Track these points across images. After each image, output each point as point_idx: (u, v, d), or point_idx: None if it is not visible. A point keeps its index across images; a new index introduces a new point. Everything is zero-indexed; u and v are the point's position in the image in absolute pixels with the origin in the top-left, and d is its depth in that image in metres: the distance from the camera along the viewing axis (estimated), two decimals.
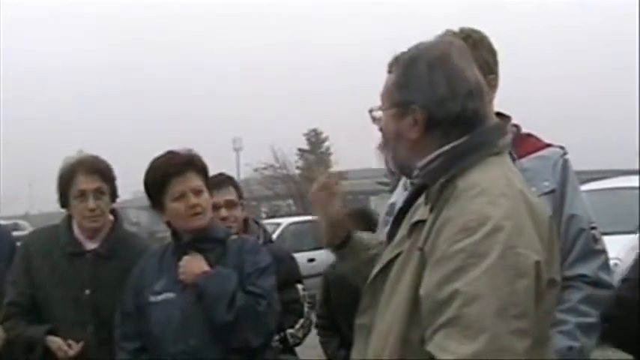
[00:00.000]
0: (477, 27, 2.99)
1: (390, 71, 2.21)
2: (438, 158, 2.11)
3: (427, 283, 1.95)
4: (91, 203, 3.75)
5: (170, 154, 3.52)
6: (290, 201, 44.84)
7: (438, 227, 1.99)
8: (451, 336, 1.85)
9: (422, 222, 2.07)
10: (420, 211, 2.13)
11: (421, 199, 2.21)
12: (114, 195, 3.87)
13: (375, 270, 2.20)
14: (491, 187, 2.02)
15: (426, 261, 1.99)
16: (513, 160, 2.53)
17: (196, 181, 3.45)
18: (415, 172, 2.18)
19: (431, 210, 2.06)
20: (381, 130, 2.26)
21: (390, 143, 2.22)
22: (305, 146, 47.33)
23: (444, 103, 2.10)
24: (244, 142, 50.20)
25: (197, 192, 3.44)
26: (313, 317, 4.50)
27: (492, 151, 2.13)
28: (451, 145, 2.10)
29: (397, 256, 2.12)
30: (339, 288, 4.89)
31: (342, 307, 4.84)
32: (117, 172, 3.90)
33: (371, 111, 2.28)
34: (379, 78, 2.25)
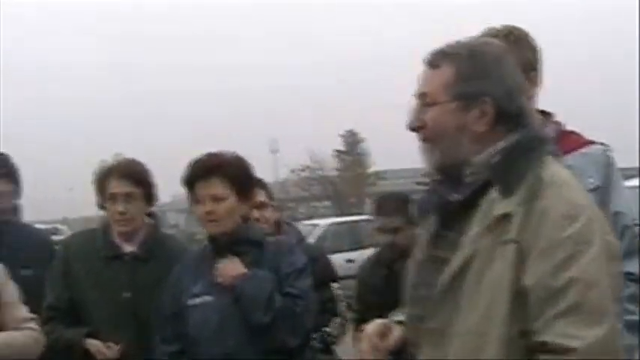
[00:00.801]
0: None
1: (434, 66, 2.18)
2: (500, 152, 2.10)
3: (535, 272, 1.95)
4: (121, 207, 3.76)
5: (204, 158, 3.51)
6: (327, 202, 44.96)
7: (536, 217, 1.99)
8: (576, 323, 1.90)
9: (507, 215, 2.02)
10: (502, 204, 2.05)
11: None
12: (150, 198, 3.88)
13: (448, 273, 2.11)
14: (568, 178, 2.08)
15: (523, 252, 1.98)
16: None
17: (218, 189, 3.43)
18: (470, 168, 2.13)
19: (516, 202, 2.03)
20: (418, 127, 2.20)
21: (445, 138, 2.16)
22: (342, 147, 47.35)
23: (511, 95, 2.12)
24: (281, 144, 50.41)
25: (216, 199, 3.42)
26: (349, 316, 4.48)
27: (549, 146, 2.17)
28: (514, 139, 2.11)
29: (471, 254, 2.07)
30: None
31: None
32: (156, 175, 3.91)
33: (409, 106, 2.23)
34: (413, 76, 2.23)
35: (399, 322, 2.35)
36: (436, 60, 2.18)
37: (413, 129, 2.22)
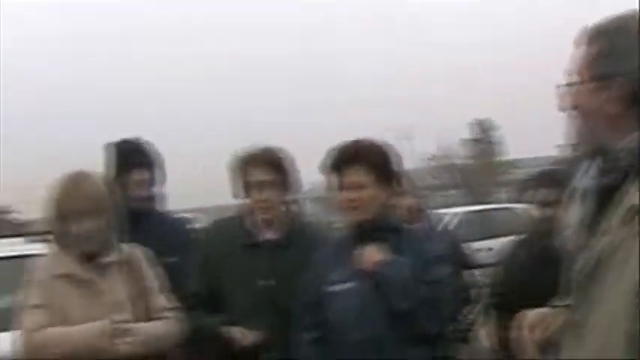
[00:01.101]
0: None
1: (584, 44, 2.10)
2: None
3: None
4: (261, 195, 3.79)
5: (348, 145, 3.51)
6: (458, 190, 44.58)
7: None
8: None
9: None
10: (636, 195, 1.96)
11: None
12: (290, 186, 3.90)
13: (586, 263, 2.05)
14: None
15: None
16: None
17: (361, 176, 3.42)
18: (612, 154, 2.05)
19: None
20: (571, 108, 2.14)
21: (588, 120, 2.09)
22: (472, 136, 46.81)
23: None
24: (415, 132, 50.04)
25: (358, 186, 3.41)
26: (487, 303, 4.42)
27: None
28: None
29: (606, 247, 1.99)
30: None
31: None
32: (297, 163, 3.93)
33: (559, 87, 2.16)
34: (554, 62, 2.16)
35: (558, 309, 2.28)
36: (586, 37, 2.09)
37: (563, 109, 2.16)
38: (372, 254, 3.36)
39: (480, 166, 44.46)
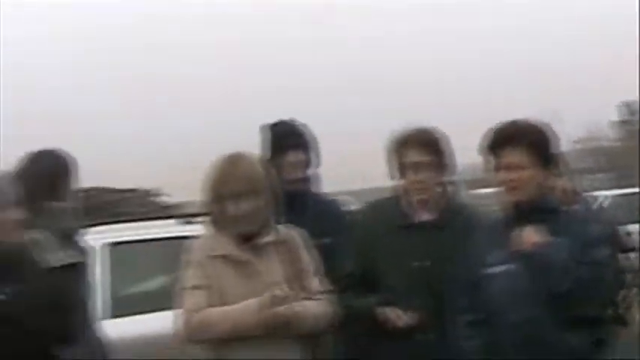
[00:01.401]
0: None
1: None
2: None
3: None
4: (416, 176, 3.79)
5: (507, 125, 3.48)
6: (605, 174, 43.24)
7: None
8: None
9: None
10: None
11: None
12: (446, 167, 3.88)
13: None
14: None
15: None
16: None
17: (521, 156, 3.38)
18: None
19: None
20: None
21: None
22: (620, 118, 45.28)
23: None
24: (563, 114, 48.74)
25: (518, 167, 3.38)
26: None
27: None
28: None
29: None
30: None
31: None
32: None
33: None
34: None
35: None
36: None
37: None
38: (531, 235, 3.31)
39: (627, 148, 43.04)
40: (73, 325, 3.50)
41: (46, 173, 4.12)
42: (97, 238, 5.77)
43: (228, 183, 3.47)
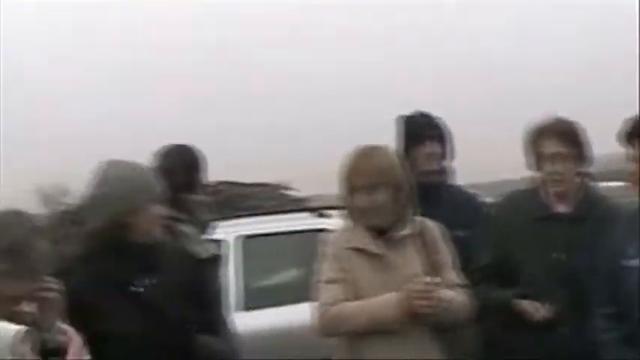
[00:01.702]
0: None
1: None
2: None
3: None
4: (554, 167, 3.72)
5: None
6: None
7: None
8: None
9: None
10: None
11: None
12: (584, 158, 3.80)
13: None
14: None
15: None
16: None
17: None
18: None
19: None
20: None
21: None
22: None
23: None
24: None
25: None
26: None
27: None
28: None
29: None
30: None
31: None
32: None
33: None
34: None
35: None
36: None
37: None
38: None
39: None
40: (214, 316, 3.54)
41: (182, 167, 4.19)
42: (230, 231, 5.85)
43: (361, 175, 3.44)
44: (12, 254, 2.54)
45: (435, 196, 4.17)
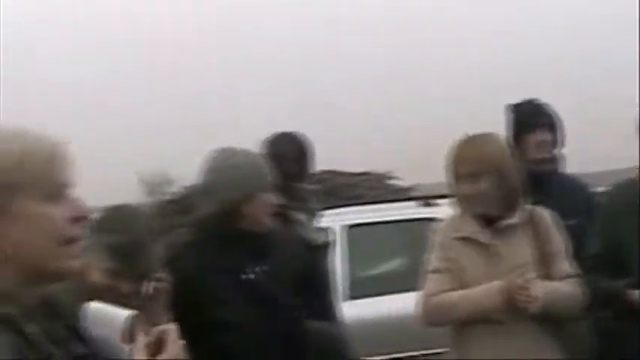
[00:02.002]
0: None
1: None
2: None
3: None
4: None
5: None
6: None
7: None
8: None
9: None
10: None
11: None
12: None
13: None
14: None
15: None
16: None
17: None
18: None
19: None
20: None
21: None
22: None
23: None
24: None
25: None
26: None
27: None
28: None
29: None
30: None
31: None
32: None
33: None
34: None
35: None
36: None
37: None
38: None
39: None
40: (325, 303, 3.56)
41: (293, 155, 4.20)
42: (336, 219, 5.87)
43: (465, 162, 3.42)
44: (129, 253, 2.58)
45: (546, 184, 4.12)
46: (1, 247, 1.57)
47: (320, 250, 3.97)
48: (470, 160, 3.40)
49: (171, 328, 1.72)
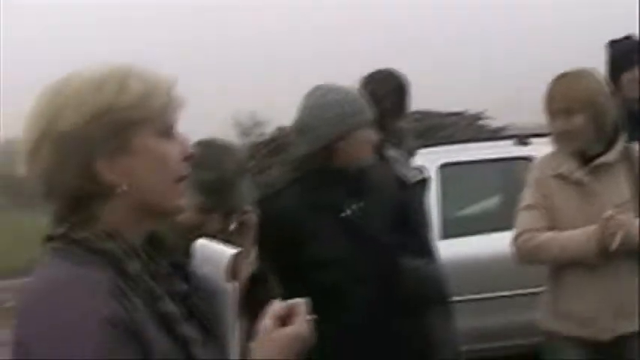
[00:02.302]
0: None
1: None
2: None
3: None
4: None
5: None
6: None
7: None
8: None
9: None
10: None
11: None
12: None
13: None
14: None
15: None
16: None
17: None
18: None
19: None
20: None
21: None
22: None
23: None
24: None
25: None
26: None
27: None
28: None
29: None
30: None
31: None
32: None
33: None
34: None
35: None
36: None
37: None
38: None
39: None
40: (422, 240, 3.57)
41: (391, 92, 4.16)
42: (431, 158, 5.85)
43: (559, 99, 3.39)
44: (218, 189, 2.56)
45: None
46: (118, 183, 1.59)
47: (416, 187, 3.96)
48: (564, 96, 3.37)
49: (301, 303, 1.72)
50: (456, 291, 4.11)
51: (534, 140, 5.98)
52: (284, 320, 1.69)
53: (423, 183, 4.16)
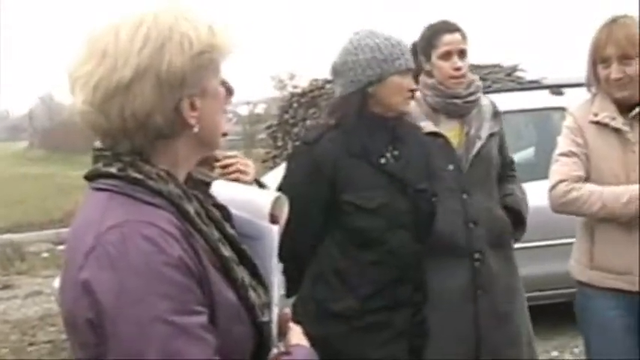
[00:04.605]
0: None
1: None
2: None
3: None
4: None
5: None
6: None
7: None
8: None
9: None
10: None
11: None
12: None
13: None
14: None
15: None
16: None
17: None
18: None
19: None
20: None
21: None
22: None
23: None
24: None
25: None
26: None
27: None
28: None
29: None
30: None
31: None
32: None
33: None
34: None
35: None
36: None
37: None
38: None
39: None
40: None
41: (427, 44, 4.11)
42: None
43: (606, 46, 3.29)
44: None
45: None
46: (194, 124, 1.62)
47: None
48: (609, 44, 3.27)
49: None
50: None
51: (570, 90, 5.93)
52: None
53: None
